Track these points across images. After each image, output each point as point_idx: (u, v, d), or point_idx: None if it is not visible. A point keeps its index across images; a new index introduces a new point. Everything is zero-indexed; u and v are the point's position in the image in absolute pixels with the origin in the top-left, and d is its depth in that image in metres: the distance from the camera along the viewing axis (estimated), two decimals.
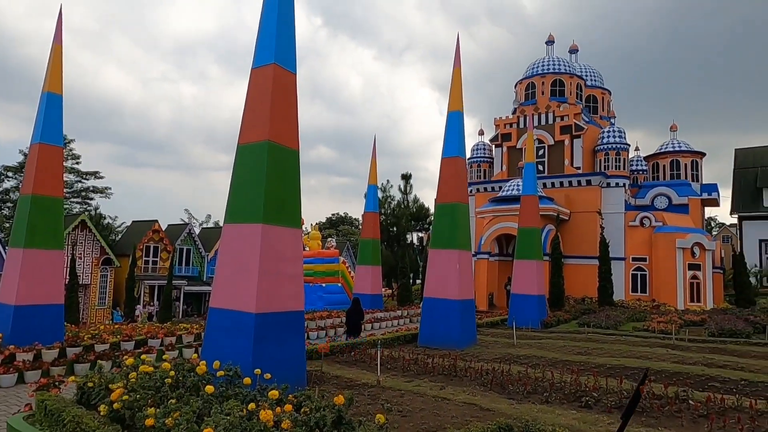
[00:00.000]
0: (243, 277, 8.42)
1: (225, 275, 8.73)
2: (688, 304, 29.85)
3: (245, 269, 8.42)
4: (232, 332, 8.32)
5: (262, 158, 8.63)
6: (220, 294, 8.70)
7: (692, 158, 34.76)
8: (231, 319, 8.39)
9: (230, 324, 8.38)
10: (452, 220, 15.17)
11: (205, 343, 8.72)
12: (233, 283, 8.55)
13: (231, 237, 8.78)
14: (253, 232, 8.44)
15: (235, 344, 8.21)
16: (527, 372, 9.94)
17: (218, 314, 8.62)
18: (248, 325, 8.13)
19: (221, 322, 8.52)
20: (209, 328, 8.70)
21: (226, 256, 8.80)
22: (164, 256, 43.22)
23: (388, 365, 11.07)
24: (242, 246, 8.55)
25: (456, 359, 11.00)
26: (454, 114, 15.87)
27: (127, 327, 18.38)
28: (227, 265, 8.73)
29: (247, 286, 8.31)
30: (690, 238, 30.24)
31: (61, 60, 13.52)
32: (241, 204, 8.76)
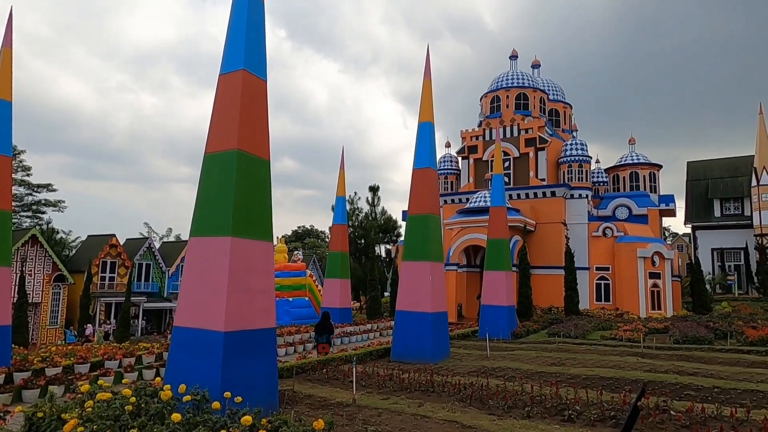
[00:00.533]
0: (210, 293, 7.94)
1: (191, 292, 8.21)
2: (649, 311, 30.62)
3: (213, 285, 7.94)
4: (199, 352, 7.80)
5: (230, 168, 8.21)
6: (185, 312, 8.17)
7: (650, 170, 35.99)
8: (198, 338, 7.87)
9: (197, 344, 7.86)
10: (424, 231, 15.00)
11: (170, 365, 8.15)
12: (200, 300, 8.04)
13: (197, 251, 8.28)
14: (221, 246, 7.99)
15: (203, 365, 7.69)
16: (505, 385, 9.77)
17: (184, 333, 8.08)
18: (216, 344, 7.64)
19: (187, 341, 7.98)
20: (174, 349, 8.15)
21: (192, 272, 8.29)
22: (122, 271, 41.45)
23: (362, 382, 10.68)
24: (209, 260, 8.07)
25: (432, 374, 10.73)
26: (425, 125, 15.79)
27: (82, 348, 17.30)
28: (193, 281, 8.22)
29: (214, 303, 7.83)
30: (650, 248, 31.13)
31: (11, 64, 12.72)
32: (208, 216, 8.29)
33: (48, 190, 50.91)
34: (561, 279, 32.98)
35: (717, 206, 58.24)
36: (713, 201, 57.64)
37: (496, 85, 38.16)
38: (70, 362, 13.28)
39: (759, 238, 49.51)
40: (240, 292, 7.97)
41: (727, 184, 58.65)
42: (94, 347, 17.53)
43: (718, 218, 57.69)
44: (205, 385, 6.99)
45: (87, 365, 13.31)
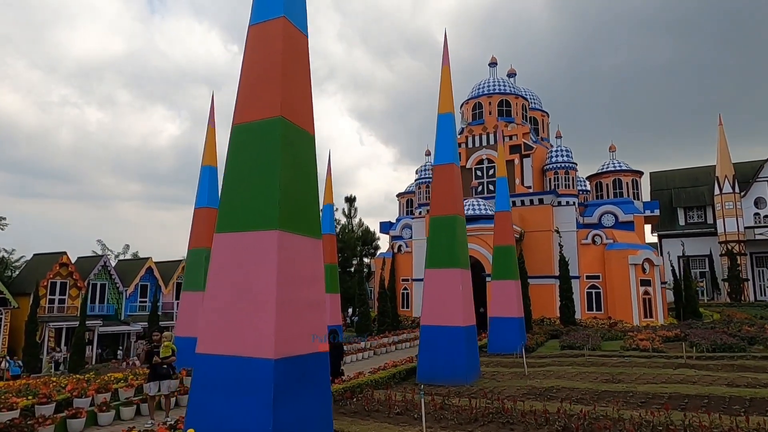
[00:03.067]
0: (251, 307, 5.88)
1: (219, 306, 6.11)
2: (642, 320, 29.95)
3: (254, 296, 5.89)
4: (237, 389, 5.70)
5: (272, 141, 6.23)
6: (213, 334, 6.05)
7: (632, 177, 35.85)
8: (235, 369, 5.78)
9: (234, 377, 5.76)
10: (451, 235, 13.26)
11: (192, 409, 5.98)
12: (235, 318, 5.96)
13: (229, 252, 6.21)
14: (264, 244, 5.96)
15: (244, 407, 5.60)
16: (594, 411, 8.06)
17: (213, 364, 5.96)
18: (264, 377, 5.58)
19: (218, 375, 5.86)
20: (198, 386, 6.00)
21: (221, 280, 6.19)
22: (74, 293, 37.52)
23: (412, 413, 8.74)
24: (248, 263, 6.02)
25: (501, 400, 8.89)
26: (446, 117, 14.18)
27: (37, 382, 14.41)
28: (223, 292, 6.13)
29: (259, 321, 5.78)
30: (641, 255, 30.61)
31: None
32: (244, 205, 6.25)
33: None
34: (552, 289, 32.07)
35: (681, 215, 59.78)
36: (677, 210, 59.10)
37: (477, 91, 37.29)
38: (29, 402, 10.64)
39: (724, 245, 50.76)
40: (289, 305, 5.96)
41: (690, 194, 60.33)
42: (54, 380, 14.67)
43: (683, 226, 59.11)
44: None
45: (51, 405, 10.71)
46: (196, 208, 17.11)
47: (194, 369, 6.05)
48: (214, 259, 6.27)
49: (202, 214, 16.93)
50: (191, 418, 5.89)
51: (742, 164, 54.98)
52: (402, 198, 43.00)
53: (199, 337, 6.12)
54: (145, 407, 11.71)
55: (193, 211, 17.25)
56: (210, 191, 17.22)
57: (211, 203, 17.15)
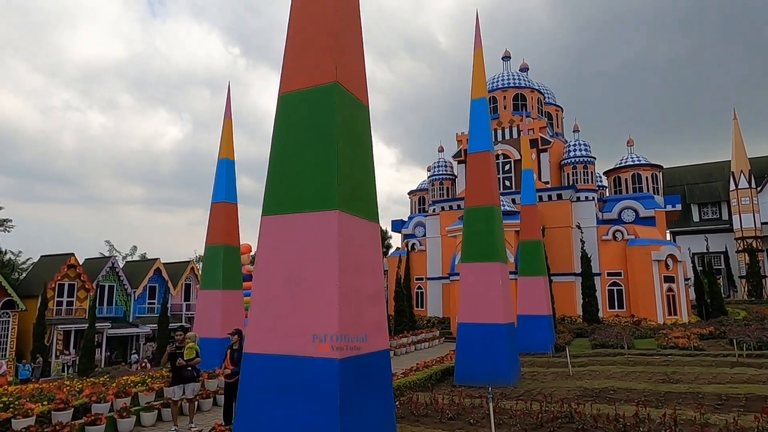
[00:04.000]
0: (308, 299, 5.10)
1: (270, 299, 5.34)
2: (666, 317, 29.05)
3: (312, 286, 5.11)
4: (295, 393, 4.93)
5: (327, 109, 5.45)
6: (263, 331, 5.28)
7: (652, 171, 34.94)
8: (292, 371, 5.00)
9: (290, 380, 4.98)
10: (489, 226, 12.47)
11: (241, 415, 5.20)
12: (289, 312, 5.18)
13: (280, 236, 5.44)
14: (322, 226, 5.19)
15: (304, 413, 4.82)
16: (675, 414, 7.24)
17: (265, 365, 5.18)
18: (328, 379, 4.80)
19: (272, 377, 5.08)
20: (247, 390, 5.22)
21: (271, 269, 5.42)
22: (81, 295, 36.86)
23: (466, 417, 7.95)
24: (303, 249, 5.24)
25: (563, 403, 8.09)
26: (479, 102, 13.39)
27: (52, 386, 13.66)
28: (274, 283, 5.35)
29: (318, 315, 4.99)
30: (664, 250, 29.73)
31: None
32: (296, 182, 5.48)
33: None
34: (572, 286, 31.21)
35: (695, 211, 58.84)
36: (691, 206, 58.14)
37: (491, 86, 36.47)
38: (45, 408, 9.89)
39: (741, 242, 49.77)
40: (351, 297, 5.18)
41: (704, 190, 59.38)
42: (66, 384, 13.92)
43: (697, 223, 58.18)
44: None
45: (69, 412, 9.94)
46: (214, 203, 16.37)
47: (243, 370, 5.27)
48: (261, 245, 5.50)
49: (220, 208, 16.18)
50: (241, 426, 5.11)
51: (758, 159, 54.05)
52: (414, 196, 42.21)
53: (247, 334, 5.34)
54: (166, 412, 10.95)
55: (210, 206, 16.51)
56: (228, 185, 16.48)
57: (229, 197, 16.42)
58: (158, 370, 19.64)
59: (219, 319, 14.88)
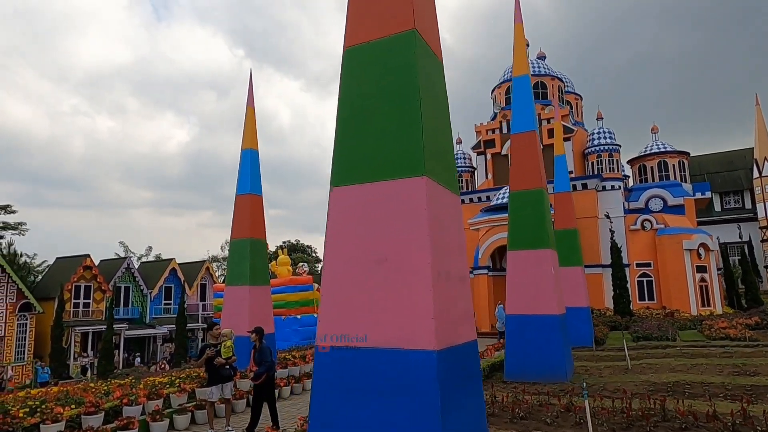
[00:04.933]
0: (393, 281, 4.34)
1: (344, 282, 4.57)
2: (700, 308, 28.02)
3: (397, 267, 4.35)
4: (383, 391, 4.16)
5: (406, 61, 4.67)
6: (339, 320, 4.51)
7: (679, 158, 33.84)
8: (377, 365, 4.23)
9: (376, 375, 4.21)
10: (536, 210, 11.66)
11: (315, 417, 4.45)
12: (370, 297, 4.41)
13: (354, 210, 4.68)
14: (408, 196, 4.42)
15: (396, 413, 4.05)
16: None
17: (343, 359, 4.41)
18: (425, 374, 4.03)
19: (353, 372, 4.32)
20: (321, 388, 4.47)
21: (345, 248, 4.66)
22: (98, 296, 36.48)
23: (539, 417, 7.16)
24: (385, 224, 4.47)
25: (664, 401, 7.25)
26: (521, 80, 12.58)
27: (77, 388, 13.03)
28: (350, 264, 4.59)
29: (408, 299, 4.23)
30: (696, 239, 28.68)
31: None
32: (373, 146, 4.71)
33: (6, 211, 45.14)
34: (599, 278, 30.25)
35: (717, 201, 57.48)
36: (713, 195, 56.82)
37: (510, 74, 35.48)
38: (74, 412, 9.23)
39: (765, 231, 48.44)
40: (443, 278, 4.40)
41: (725, 178, 58.01)
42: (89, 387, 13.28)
43: (719, 212, 56.83)
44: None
45: (100, 416, 9.27)
46: (238, 195, 15.66)
47: (316, 366, 4.51)
48: (332, 222, 4.73)
49: (245, 201, 15.47)
50: (317, 423, 4.35)
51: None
52: None
53: (319, 324, 4.58)
54: (200, 414, 10.27)
55: (234, 199, 15.80)
56: (252, 176, 15.76)
57: (254, 189, 15.70)
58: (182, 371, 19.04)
59: (247, 316, 14.18)
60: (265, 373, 9.04)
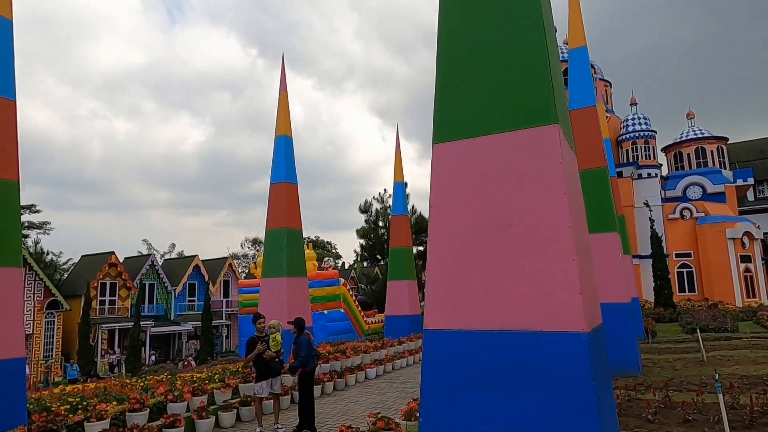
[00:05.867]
0: (524, 249, 3.59)
1: (457, 252, 3.84)
2: (745, 300, 26.80)
3: (528, 231, 3.59)
4: (514, 381, 3.42)
5: None
6: (452, 297, 3.77)
7: (717, 144, 32.51)
8: (508, 351, 3.49)
9: (506, 363, 3.48)
10: (601, 191, 10.84)
11: (426, 408, 3.73)
12: (493, 269, 3.67)
13: (469, 167, 3.93)
14: (538, 148, 3.66)
15: (536, 408, 3.31)
16: None
17: (460, 344, 3.68)
18: (575, 360, 3.28)
19: (473, 359, 3.58)
20: (432, 374, 3.75)
21: (458, 213, 3.92)
22: (123, 293, 36.35)
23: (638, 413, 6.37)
24: (507, 182, 3.72)
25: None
26: (578, 52, 11.72)
27: (116, 384, 12.55)
28: (465, 231, 3.84)
29: (546, 270, 3.47)
30: (740, 228, 27.46)
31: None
32: (488, 94, 3.95)
33: (31, 211, 45.37)
34: (637, 269, 29.10)
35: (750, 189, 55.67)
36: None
37: None
38: (118, 409, 8.66)
39: None
40: (581, 246, 3.64)
41: (758, 167, 56.11)
42: (128, 383, 12.79)
43: (752, 202, 55.00)
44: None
45: (145, 413, 8.68)
46: (273, 184, 15.05)
47: (425, 353, 3.79)
48: (437, 185, 4.00)
49: (280, 190, 14.85)
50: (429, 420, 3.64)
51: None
52: None
53: (427, 304, 3.86)
54: (245, 412, 9.64)
55: (269, 188, 15.20)
56: (287, 164, 15.13)
57: (289, 177, 15.06)
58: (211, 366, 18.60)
59: (285, 309, 13.53)
60: (300, 368, 8.40)
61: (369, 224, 38.49)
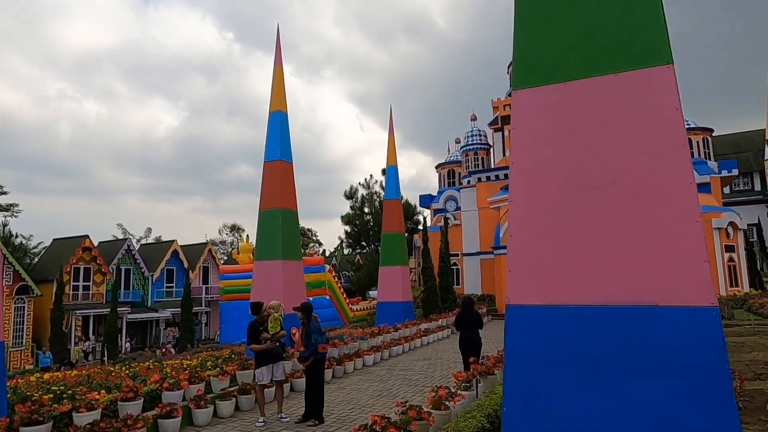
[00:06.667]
0: (631, 210, 3.05)
1: (550, 213, 3.29)
2: (728, 289, 27.17)
3: (634, 189, 3.06)
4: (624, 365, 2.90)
5: None
6: (542, 266, 3.23)
7: (703, 135, 32.78)
8: (614, 328, 2.95)
9: (611, 343, 2.95)
10: None
11: (510, 398, 3.18)
12: (592, 232, 3.13)
13: (558, 117, 3.36)
14: (652, 90, 3.12)
15: (648, 396, 2.79)
16: None
17: (553, 319, 3.14)
18: (705, 341, 2.76)
19: (570, 340, 3.05)
20: (517, 358, 3.20)
21: (546, 170, 3.36)
22: (98, 279, 34.98)
23: None
24: (611, 129, 3.17)
25: None
26: None
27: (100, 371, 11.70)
28: (555, 190, 3.30)
29: (662, 235, 2.95)
30: (725, 218, 27.76)
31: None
32: (589, 25, 3.38)
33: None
34: None
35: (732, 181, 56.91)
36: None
37: None
38: (108, 398, 7.94)
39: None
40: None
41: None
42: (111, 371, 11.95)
43: (727, 194, 56.20)
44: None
45: (139, 402, 7.98)
46: (267, 162, 14.29)
47: (508, 333, 3.24)
48: (518, 137, 3.43)
49: (275, 168, 14.12)
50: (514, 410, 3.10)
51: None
52: (443, 169, 40.06)
53: (510, 275, 3.30)
54: (245, 400, 9.04)
55: (263, 166, 14.43)
56: (282, 141, 14.38)
57: (284, 155, 14.33)
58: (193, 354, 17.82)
59: (280, 294, 12.86)
60: (312, 356, 7.84)
61: (355, 210, 37.83)
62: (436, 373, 11.78)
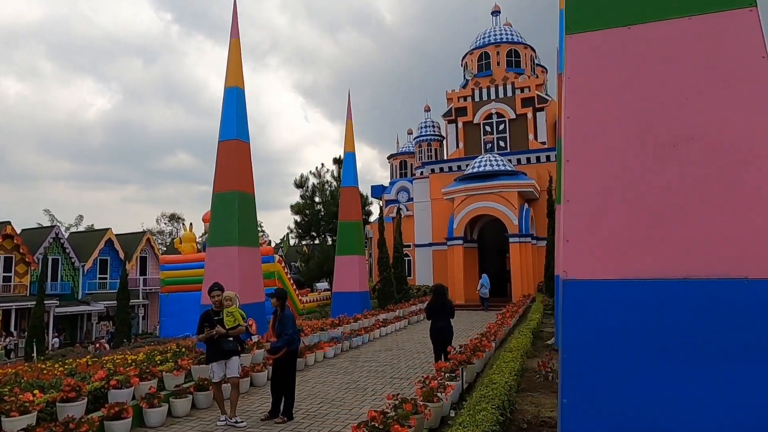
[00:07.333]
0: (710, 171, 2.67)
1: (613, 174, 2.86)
2: None
3: (713, 147, 2.68)
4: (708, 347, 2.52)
5: None
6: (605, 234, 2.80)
7: None
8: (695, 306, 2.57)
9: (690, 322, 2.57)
10: None
11: (567, 385, 2.73)
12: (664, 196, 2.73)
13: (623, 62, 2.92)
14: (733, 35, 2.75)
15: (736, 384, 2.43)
16: None
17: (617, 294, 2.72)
18: None
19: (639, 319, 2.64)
20: (581, 339, 2.75)
21: (610, 124, 2.91)
22: (21, 269, 32.15)
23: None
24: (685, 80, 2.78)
25: None
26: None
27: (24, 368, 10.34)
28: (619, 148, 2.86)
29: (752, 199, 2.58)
30: None
31: None
32: None
33: None
34: None
35: None
36: None
37: (482, 41, 34.32)
38: (45, 398, 6.91)
39: None
40: None
41: None
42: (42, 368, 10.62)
43: None
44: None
45: (82, 403, 7.01)
46: (222, 142, 13.28)
47: (566, 313, 2.78)
48: (574, 89, 2.97)
49: (230, 148, 13.14)
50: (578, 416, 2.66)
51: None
52: (395, 160, 39.80)
53: (566, 246, 2.84)
54: (202, 398, 8.23)
55: (217, 146, 13.40)
56: (239, 120, 13.40)
57: (240, 135, 13.37)
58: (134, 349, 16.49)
59: (237, 283, 12.02)
60: (285, 347, 7.20)
61: (305, 200, 36.81)
62: (402, 363, 11.36)
